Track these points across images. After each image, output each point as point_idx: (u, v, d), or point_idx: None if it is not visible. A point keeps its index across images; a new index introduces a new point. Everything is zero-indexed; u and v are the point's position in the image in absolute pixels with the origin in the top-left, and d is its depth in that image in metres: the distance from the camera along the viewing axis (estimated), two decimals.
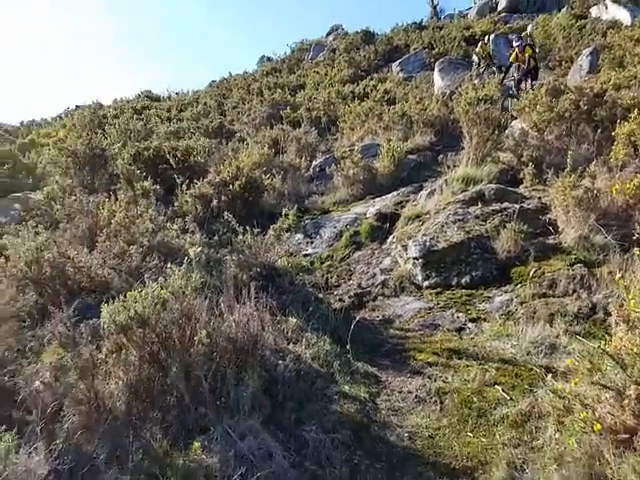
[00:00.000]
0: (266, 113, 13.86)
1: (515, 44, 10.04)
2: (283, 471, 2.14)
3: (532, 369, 2.99)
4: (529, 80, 9.62)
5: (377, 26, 30.46)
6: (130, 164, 6.03)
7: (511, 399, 2.72)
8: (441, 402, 2.81)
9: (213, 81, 28.49)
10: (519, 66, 10.13)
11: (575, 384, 2.18)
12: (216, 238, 4.95)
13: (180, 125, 12.43)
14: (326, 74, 19.63)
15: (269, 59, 30.91)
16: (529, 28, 11.25)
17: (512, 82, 10.62)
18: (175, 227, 4.78)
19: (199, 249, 3.37)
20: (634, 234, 3.20)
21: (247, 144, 10.35)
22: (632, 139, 5.22)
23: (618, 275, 2.72)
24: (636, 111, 5.54)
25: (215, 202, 6.38)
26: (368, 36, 24.78)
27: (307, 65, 24.17)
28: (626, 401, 1.97)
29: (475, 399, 2.76)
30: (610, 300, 3.60)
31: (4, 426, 2.00)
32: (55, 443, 2.03)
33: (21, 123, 23.98)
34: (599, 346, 2.10)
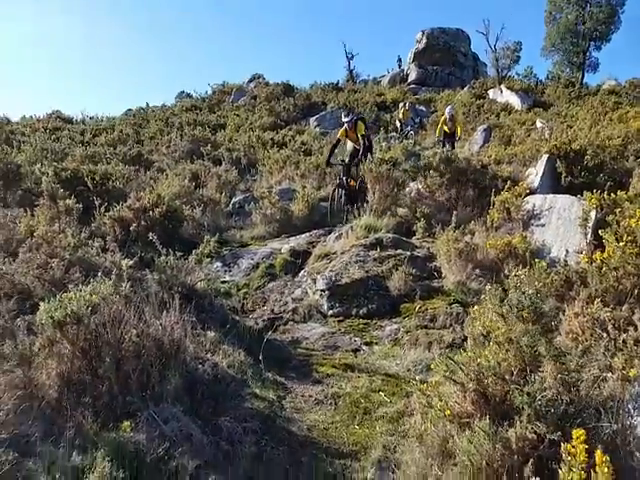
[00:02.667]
0: (186, 147, 14.16)
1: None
2: (201, 448, 2.51)
3: (410, 381, 3.65)
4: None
5: (296, 81, 32.24)
6: (57, 182, 6.04)
7: (391, 402, 3.35)
8: (335, 403, 3.36)
9: (129, 110, 28.02)
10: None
11: (435, 383, 2.86)
12: (136, 259, 5.15)
13: (96, 150, 12.24)
14: (247, 118, 20.47)
15: (189, 95, 31.10)
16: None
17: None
18: (96, 245, 4.93)
19: (131, 262, 3.66)
20: (502, 282, 4.06)
21: (167, 175, 10.54)
22: (506, 205, 6.06)
23: (475, 308, 3.57)
24: (508, 183, 6.85)
25: (134, 226, 6.53)
26: (288, 89, 26.25)
27: (228, 107, 24.92)
28: (467, 393, 2.67)
29: (363, 401, 3.36)
30: None
31: None
32: None
33: None
34: (447, 356, 2.82)
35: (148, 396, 2.72)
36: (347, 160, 8.16)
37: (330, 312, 5.05)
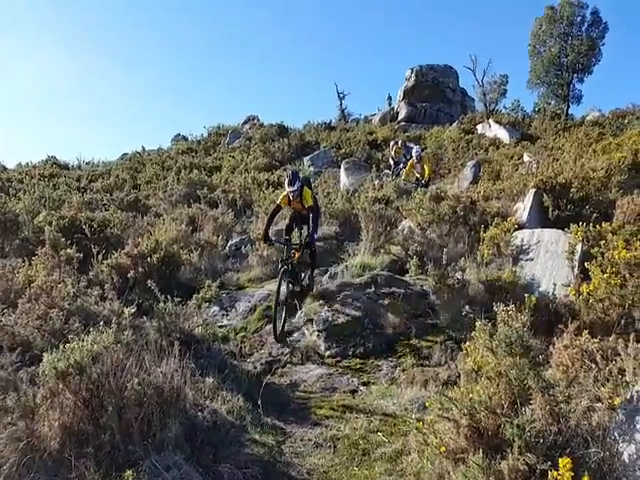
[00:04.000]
0: (183, 191, 14.42)
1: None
2: None
3: (407, 420, 3.70)
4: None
5: (290, 121, 33.13)
6: (57, 231, 6.19)
7: (389, 442, 3.39)
8: (334, 446, 3.39)
9: (125, 154, 28.43)
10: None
11: (430, 420, 2.92)
12: (135, 306, 5.22)
13: (93, 196, 12.49)
14: (242, 160, 20.87)
15: (185, 138, 31.75)
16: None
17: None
18: (95, 293, 5.02)
19: (132, 310, 3.75)
20: (493, 317, 4.16)
21: (164, 220, 10.73)
22: (495, 241, 6.14)
23: (467, 344, 3.66)
24: (497, 219, 7.02)
25: (132, 273, 6.64)
26: (282, 129, 26.84)
27: (223, 149, 25.44)
28: (460, 429, 2.73)
29: (361, 442, 3.39)
30: None
31: None
32: None
33: None
34: (442, 393, 2.90)
35: (149, 444, 2.76)
36: (288, 235, 6.51)
37: (327, 353, 5.11)
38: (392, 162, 16.04)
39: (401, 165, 15.59)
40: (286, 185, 6.15)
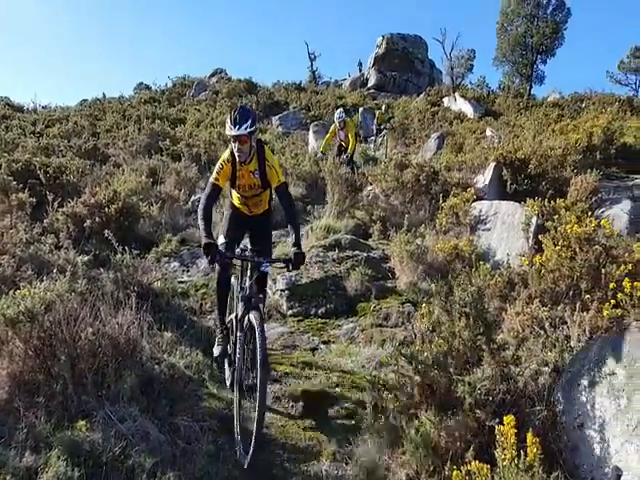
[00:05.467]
0: (144, 142, 13.80)
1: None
2: (158, 446, 2.54)
3: (364, 377, 3.82)
4: None
5: (259, 78, 32.03)
6: (8, 175, 5.80)
7: (346, 398, 3.49)
8: (293, 401, 3.46)
9: (84, 100, 27.04)
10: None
11: (385, 375, 3.02)
12: (91, 256, 5.04)
13: (50, 141, 11.76)
14: (208, 114, 20.18)
15: (148, 87, 30.39)
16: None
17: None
18: (49, 242, 4.80)
19: (86, 258, 3.61)
20: (450, 282, 4.30)
21: (123, 170, 10.29)
22: (455, 210, 6.31)
23: (423, 305, 3.76)
24: (458, 189, 7.19)
25: (89, 223, 6.38)
26: (251, 85, 26.08)
27: (188, 101, 24.50)
28: (414, 385, 2.84)
29: (319, 398, 3.48)
30: None
31: None
32: None
33: None
34: (398, 351, 2.99)
35: (104, 396, 2.72)
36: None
37: (289, 312, 5.15)
38: (375, 129, 15.88)
39: (384, 132, 15.42)
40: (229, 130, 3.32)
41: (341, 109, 10.65)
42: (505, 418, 2.07)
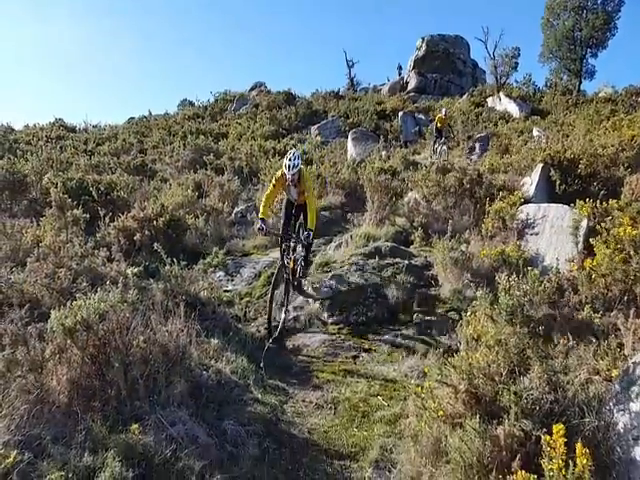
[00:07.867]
0: (189, 157, 14.35)
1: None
2: (206, 449, 2.63)
3: (406, 386, 3.78)
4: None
5: (298, 89, 32.48)
6: (64, 193, 6.21)
7: (388, 405, 3.48)
8: (335, 408, 3.48)
9: (132, 118, 28.40)
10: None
11: (429, 386, 2.98)
12: (141, 268, 5.29)
13: (100, 159, 12.45)
14: (249, 127, 20.66)
15: (191, 103, 31.44)
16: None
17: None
18: (102, 255, 5.08)
19: (136, 269, 3.80)
20: (495, 290, 4.18)
21: (170, 184, 10.73)
22: (501, 214, 6.12)
23: (468, 313, 3.69)
24: (504, 192, 6.96)
25: (139, 236, 6.69)
26: (289, 97, 26.52)
27: (230, 116, 25.17)
28: (459, 394, 2.79)
29: (361, 405, 3.49)
30: None
31: None
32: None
33: None
34: (442, 359, 2.95)
35: (155, 400, 2.85)
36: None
37: (330, 320, 5.18)
38: (435, 133, 15.24)
39: (442, 140, 14.80)
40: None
41: (295, 150, 6.39)
42: (554, 427, 2.01)
